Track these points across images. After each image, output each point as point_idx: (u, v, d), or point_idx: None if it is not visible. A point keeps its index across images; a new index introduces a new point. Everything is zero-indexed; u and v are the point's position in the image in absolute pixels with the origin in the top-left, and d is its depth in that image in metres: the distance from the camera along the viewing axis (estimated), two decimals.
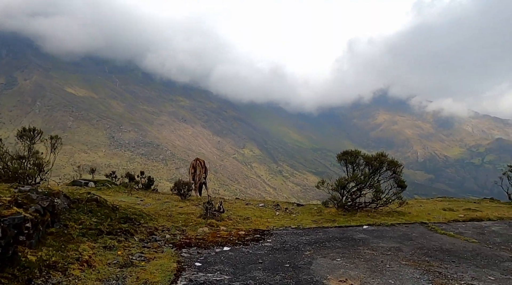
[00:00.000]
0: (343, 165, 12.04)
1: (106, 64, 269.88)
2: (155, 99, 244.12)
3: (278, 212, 11.33)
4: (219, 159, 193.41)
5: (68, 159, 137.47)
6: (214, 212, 9.44)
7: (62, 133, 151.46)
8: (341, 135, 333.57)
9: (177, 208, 10.97)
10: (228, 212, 10.49)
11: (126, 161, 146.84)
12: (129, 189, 14.90)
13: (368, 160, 11.76)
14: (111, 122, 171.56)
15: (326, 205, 11.76)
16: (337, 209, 11.43)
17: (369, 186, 11.54)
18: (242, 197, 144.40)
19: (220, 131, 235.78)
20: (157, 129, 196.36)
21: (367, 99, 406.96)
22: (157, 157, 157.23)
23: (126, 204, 10.24)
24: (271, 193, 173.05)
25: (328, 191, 11.51)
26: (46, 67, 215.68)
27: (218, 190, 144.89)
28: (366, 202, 11.76)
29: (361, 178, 11.28)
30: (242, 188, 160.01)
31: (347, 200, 11.58)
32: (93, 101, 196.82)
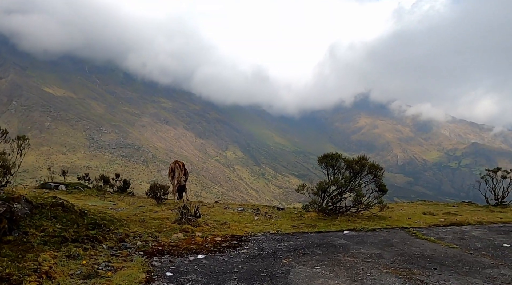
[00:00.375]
0: (324, 168, 11.81)
1: (85, 64, 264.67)
2: (137, 100, 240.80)
3: (258, 217, 10.97)
4: (201, 161, 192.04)
5: (45, 160, 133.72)
6: (190, 217, 8.96)
7: (39, 133, 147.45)
8: (323, 138, 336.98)
9: (151, 212, 10.48)
10: (205, 217, 10.08)
11: (106, 163, 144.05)
12: (102, 193, 14.40)
13: (349, 164, 11.59)
14: (90, 123, 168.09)
15: (307, 209, 11.53)
16: (317, 214, 11.19)
17: (350, 190, 11.33)
18: (224, 200, 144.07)
19: (202, 133, 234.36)
20: (139, 130, 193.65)
21: (348, 103, 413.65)
22: (138, 159, 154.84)
23: (97, 208, 9.71)
24: (253, 195, 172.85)
25: (309, 195, 11.22)
26: (23, 66, 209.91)
27: (200, 193, 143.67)
28: (347, 206, 11.56)
29: (342, 182, 11.05)
30: (225, 190, 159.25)
31: (327, 204, 11.33)
32: (72, 101, 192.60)
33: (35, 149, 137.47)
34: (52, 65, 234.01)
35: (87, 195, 13.60)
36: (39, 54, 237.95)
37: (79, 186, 15.82)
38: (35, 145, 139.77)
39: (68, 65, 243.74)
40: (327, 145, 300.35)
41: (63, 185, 14.53)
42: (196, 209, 9.40)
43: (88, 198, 12.84)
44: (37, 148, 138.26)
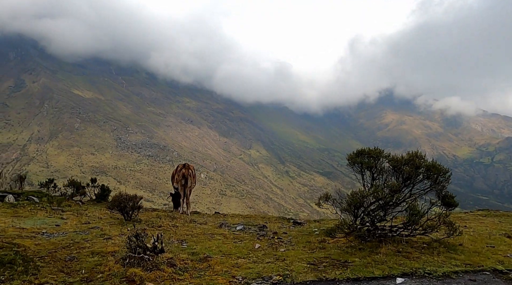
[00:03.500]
0: (357, 171, 8.54)
1: (111, 66, 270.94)
2: (161, 100, 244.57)
3: (259, 244, 7.69)
4: (225, 160, 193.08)
5: (76, 160, 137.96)
6: (145, 253, 5.86)
7: (69, 135, 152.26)
8: (348, 135, 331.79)
9: (100, 240, 7.53)
10: (178, 248, 7.04)
11: (133, 163, 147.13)
12: (54, 206, 11.52)
13: (396, 164, 8.20)
14: (118, 124, 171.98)
15: (332, 235, 7.97)
16: (347, 239, 7.93)
17: (396, 203, 7.71)
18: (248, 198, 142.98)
19: (226, 132, 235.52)
20: (164, 130, 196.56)
21: (372, 99, 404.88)
22: (163, 158, 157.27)
23: (20, 233, 7.47)
24: (278, 193, 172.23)
25: (335, 210, 7.94)
26: (53, 69, 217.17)
27: (225, 191, 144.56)
28: (393, 226, 8.03)
29: (386, 192, 7.49)
30: (249, 189, 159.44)
31: (364, 225, 7.97)
32: (100, 102, 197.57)
33: (66, 150, 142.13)
34: (80, 67, 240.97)
35: (35, 210, 10.93)
36: (67, 57, 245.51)
37: (35, 196, 13.04)
38: (66, 146, 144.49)
39: (95, 68, 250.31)
40: (352, 142, 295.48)
41: (12, 195, 11.95)
42: (155, 241, 6.09)
43: (34, 214, 10.40)
44: (68, 149, 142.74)
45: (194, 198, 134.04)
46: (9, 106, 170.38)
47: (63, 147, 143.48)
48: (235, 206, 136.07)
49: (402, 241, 7.77)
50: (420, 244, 7.71)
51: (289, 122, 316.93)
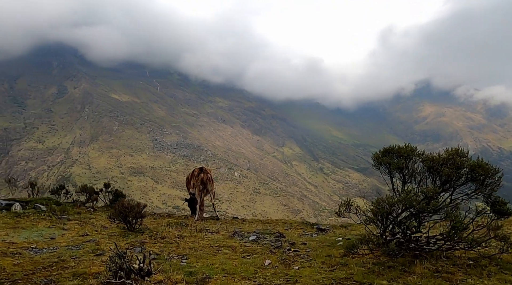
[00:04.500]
0: (385, 172, 7.32)
1: (146, 69, 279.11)
2: (194, 101, 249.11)
3: (270, 260, 6.71)
4: (259, 158, 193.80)
5: (115, 162, 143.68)
6: (129, 276, 5.05)
7: (109, 137, 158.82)
8: (383, 130, 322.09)
9: (88, 257, 6.72)
10: (173, 267, 6.16)
11: (168, 163, 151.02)
12: (57, 215, 10.88)
13: (432, 165, 6.80)
14: (153, 125, 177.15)
15: (353, 251, 6.74)
16: (374, 253, 6.70)
17: (434, 211, 6.36)
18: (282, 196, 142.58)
19: (259, 130, 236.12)
20: (198, 130, 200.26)
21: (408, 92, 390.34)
22: (198, 158, 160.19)
23: (6, 249, 7.06)
24: (312, 191, 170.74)
25: (359, 219, 6.88)
26: (92, 75, 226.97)
27: (259, 189, 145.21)
28: (430, 237, 6.67)
29: (419, 198, 6.17)
30: (283, 186, 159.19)
31: (395, 236, 6.81)
32: (136, 105, 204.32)
33: (106, 152, 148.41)
34: (116, 72, 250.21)
35: (39, 219, 10.34)
36: (105, 62, 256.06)
37: (44, 203, 12.45)
38: (106, 148, 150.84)
39: (130, 72, 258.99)
40: (388, 136, 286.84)
41: (19, 204, 11.44)
42: (141, 262, 5.18)
43: (36, 224, 9.87)
44: (108, 151, 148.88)
45: (228, 197, 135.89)
46: (53, 112, 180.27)
47: (103, 149, 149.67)
48: (269, 204, 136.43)
49: (441, 257, 6.36)
50: (465, 260, 6.26)
51: (321, 118, 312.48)
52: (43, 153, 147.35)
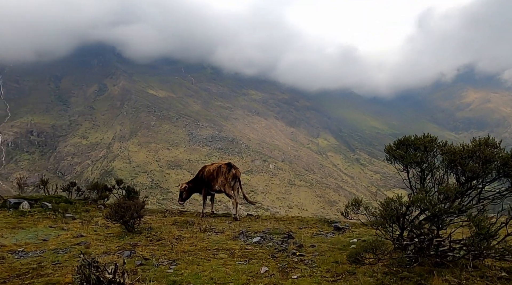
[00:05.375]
0: (400, 168, 6.43)
1: (181, 64, 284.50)
2: (228, 94, 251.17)
3: (267, 267, 6.11)
4: (293, 150, 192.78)
5: (153, 156, 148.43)
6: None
7: (147, 132, 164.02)
8: (423, 118, 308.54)
9: (70, 263, 6.30)
10: (158, 275, 5.72)
11: (204, 156, 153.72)
12: (61, 214, 10.51)
13: (454, 158, 5.83)
14: (189, 119, 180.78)
15: (357, 259, 5.69)
16: (385, 261, 5.79)
17: (459, 212, 5.43)
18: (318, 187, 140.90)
19: (293, 122, 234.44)
20: (232, 123, 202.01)
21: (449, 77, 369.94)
22: (233, 150, 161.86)
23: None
24: (348, 182, 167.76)
25: (369, 222, 6.02)
26: (130, 72, 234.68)
27: (294, 181, 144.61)
28: (452, 241, 5.79)
29: (435, 200, 5.30)
30: (318, 178, 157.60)
31: (411, 241, 5.92)
32: (172, 100, 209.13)
33: (144, 146, 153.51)
34: (152, 69, 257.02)
35: (42, 218, 10.14)
36: (141, 59, 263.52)
37: (53, 201, 12.10)
38: (144, 142, 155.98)
39: (166, 67, 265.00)
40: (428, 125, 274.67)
41: (27, 202, 11.17)
42: (113, 271, 4.64)
43: (37, 224, 9.65)
44: (146, 145, 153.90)
45: (264, 189, 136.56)
46: (95, 109, 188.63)
47: (142, 144, 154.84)
48: (304, 196, 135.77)
49: (467, 266, 5.34)
50: (496, 271, 5.31)
51: (357, 107, 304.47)
52: (87, 149, 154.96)
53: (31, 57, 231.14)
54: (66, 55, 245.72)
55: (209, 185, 11.78)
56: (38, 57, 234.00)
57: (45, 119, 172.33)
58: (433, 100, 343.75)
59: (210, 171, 11.67)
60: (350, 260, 5.78)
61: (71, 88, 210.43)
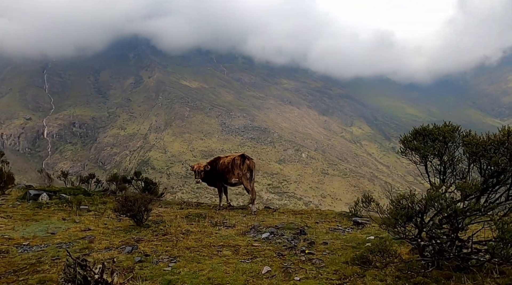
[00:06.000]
0: (416, 161, 5.91)
1: (213, 55, 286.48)
2: (260, 83, 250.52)
3: (269, 267, 5.70)
4: (326, 139, 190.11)
5: (188, 146, 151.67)
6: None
7: (181, 123, 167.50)
8: (465, 104, 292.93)
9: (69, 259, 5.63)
10: (154, 274, 5.51)
11: (237, 146, 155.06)
12: (76, 206, 10.37)
13: (477, 150, 5.10)
14: (221, 110, 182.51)
15: (363, 262, 5.34)
16: (391, 266, 5.35)
17: (483, 211, 4.81)
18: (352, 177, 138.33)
19: (326, 110, 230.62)
20: (264, 113, 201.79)
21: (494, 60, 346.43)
22: (265, 140, 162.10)
23: (1, 246, 6.95)
24: (384, 171, 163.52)
25: (379, 221, 5.29)
26: (164, 64, 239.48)
27: (327, 170, 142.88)
28: (478, 242, 5.24)
29: (447, 199, 4.70)
30: (352, 167, 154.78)
31: (426, 243, 5.30)
32: (205, 91, 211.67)
33: (179, 136, 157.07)
34: (185, 60, 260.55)
35: (58, 210, 10.10)
36: (174, 51, 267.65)
37: (71, 193, 12.09)
38: (179, 133, 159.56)
39: (198, 58, 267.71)
40: (470, 111, 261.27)
41: (46, 194, 11.08)
42: (100, 270, 4.44)
43: (52, 216, 9.59)
44: (181, 136, 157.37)
45: (296, 178, 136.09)
46: (132, 101, 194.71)
47: (176, 134, 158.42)
48: (338, 185, 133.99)
49: (493, 272, 4.74)
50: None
51: (393, 94, 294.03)
52: (125, 139, 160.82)
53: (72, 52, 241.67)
54: (104, 49, 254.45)
55: (224, 178, 11.57)
56: (79, 52, 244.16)
57: (86, 111, 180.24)
58: (476, 85, 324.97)
59: (225, 164, 11.35)
60: (355, 262, 5.33)
61: (109, 81, 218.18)
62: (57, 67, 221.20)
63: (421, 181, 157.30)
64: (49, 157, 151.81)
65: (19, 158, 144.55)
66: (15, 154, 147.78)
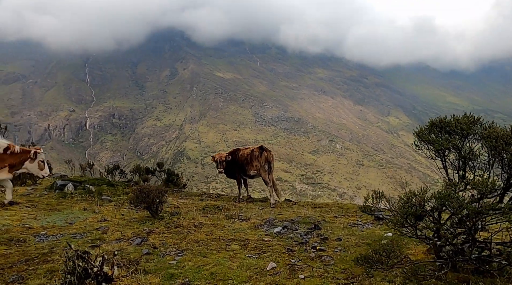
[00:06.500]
0: (432, 156, 5.56)
1: (246, 45, 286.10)
2: (293, 73, 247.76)
3: (274, 264, 5.57)
4: (361, 129, 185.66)
5: (221, 136, 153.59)
6: (83, 282, 4.31)
7: (215, 114, 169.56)
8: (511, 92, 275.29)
9: (81, 249, 5.25)
10: (159, 266, 5.50)
11: (270, 136, 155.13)
12: (96, 199, 10.51)
13: (496, 144, 4.73)
14: (255, 100, 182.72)
15: (367, 263, 4.79)
16: (397, 268, 4.83)
17: (504, 212, 4.13)
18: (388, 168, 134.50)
19: (361, 100, 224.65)
20: (298, 103, 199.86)
21: None
22: (298, 130, 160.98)
23: (17, 235, 7.10)
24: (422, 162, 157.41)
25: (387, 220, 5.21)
26: (198, 56, 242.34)
27: (362, 161, 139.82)
28: (503, 243, 4.70)
29: (456, 199, 4.24)
30: (389, 158, 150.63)
31: (443, 244, 4.81)
32: (239, 82, 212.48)
33: (213, 127, 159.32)
34: (219, 51, 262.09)
35: (80, 200, 10.27)
36: (208, 42, 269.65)
37: (96, 183, 12.19)
38: (213, 124, 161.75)
39: (231, 49, 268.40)
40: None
41: (72, 184, 11.24)
42: (100, 262, 4.51)
43: (74, 206, 9.73)
44: (215, 126, 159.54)
45: (330, 169, 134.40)
46: (167, 92, 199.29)
47: (210, 125, 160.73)
48: (374, 177, 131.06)
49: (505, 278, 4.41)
50: None
51: (433, 82, 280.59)
52: (161, 130, 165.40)
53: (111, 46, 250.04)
54: (141, 42, 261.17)
55: (243, 169, 11.51)
56: (117, 45, 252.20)
57: (124, 103, 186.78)
58: None
59: (244, 155, 11.35)
60: (359, 262, 4.93)
61: (146, 73, 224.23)
62: (97, 60, 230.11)
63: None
64: (91, 147, 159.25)
65: (64, 148, 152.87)
66: (61, 145, 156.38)
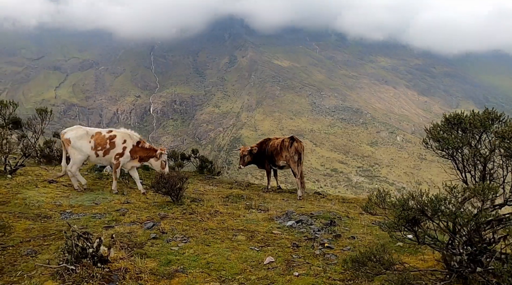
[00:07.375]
0: (445, 154, 5.05)
1: (305, 33, 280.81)
2: (353, 61, 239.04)
3: (273, 258, 5.44)
4: (425, 121, 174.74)
5: (277, 125, 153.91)
6: (78, 261, 4.40)
7: (272, 102, 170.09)
8: None
9: (96, 229, 6.34)
10: (161, 251, 5.55)
11: (327, 126, 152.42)
12: (128, 181, 10.82)
13: (510, 144, 4.38)
14: (312, 89, 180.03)
15: (358, 269, 4.69)
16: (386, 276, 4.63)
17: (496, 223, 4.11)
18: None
19: (427, 90, 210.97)
20: (357, 93, 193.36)
21: None
22: (357, 121, 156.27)
23: (46, 211, 7.34)
24: None
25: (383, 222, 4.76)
26: (257, 44, 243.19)
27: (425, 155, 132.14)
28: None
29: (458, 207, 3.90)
30: None
31: (457, 252, 4.40)
32: (296, 70, 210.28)
33: (269, 115, 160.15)
34: (278, 39, 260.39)
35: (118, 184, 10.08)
36: (267, 30, 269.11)
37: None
38: (269, 112, 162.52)
39: (290, 37, 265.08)
40: None
41: (110, 167, 11.04)
42: (97, 243, 4.61)
43: (107, 187, 10.04)
44: (271, 115, 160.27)
45: (389, 162, 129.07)
46: (226, 80, 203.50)
47: (267, 113, 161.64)
48: (437, 172, 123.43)
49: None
50: None
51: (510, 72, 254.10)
52: (219, 117, 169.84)
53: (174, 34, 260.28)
54: (202, 30, 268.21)
55: (272, 159, 11.45)
56: (180, 33, 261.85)
57: (185, 90, 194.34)
58: None
59: (274, 146, 11.22)
60: (348, 266, 4.73)
61: (206, 61, 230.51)
62: (161, 49, 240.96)
63: None
64: (154, 131, 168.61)
65: None
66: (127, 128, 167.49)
